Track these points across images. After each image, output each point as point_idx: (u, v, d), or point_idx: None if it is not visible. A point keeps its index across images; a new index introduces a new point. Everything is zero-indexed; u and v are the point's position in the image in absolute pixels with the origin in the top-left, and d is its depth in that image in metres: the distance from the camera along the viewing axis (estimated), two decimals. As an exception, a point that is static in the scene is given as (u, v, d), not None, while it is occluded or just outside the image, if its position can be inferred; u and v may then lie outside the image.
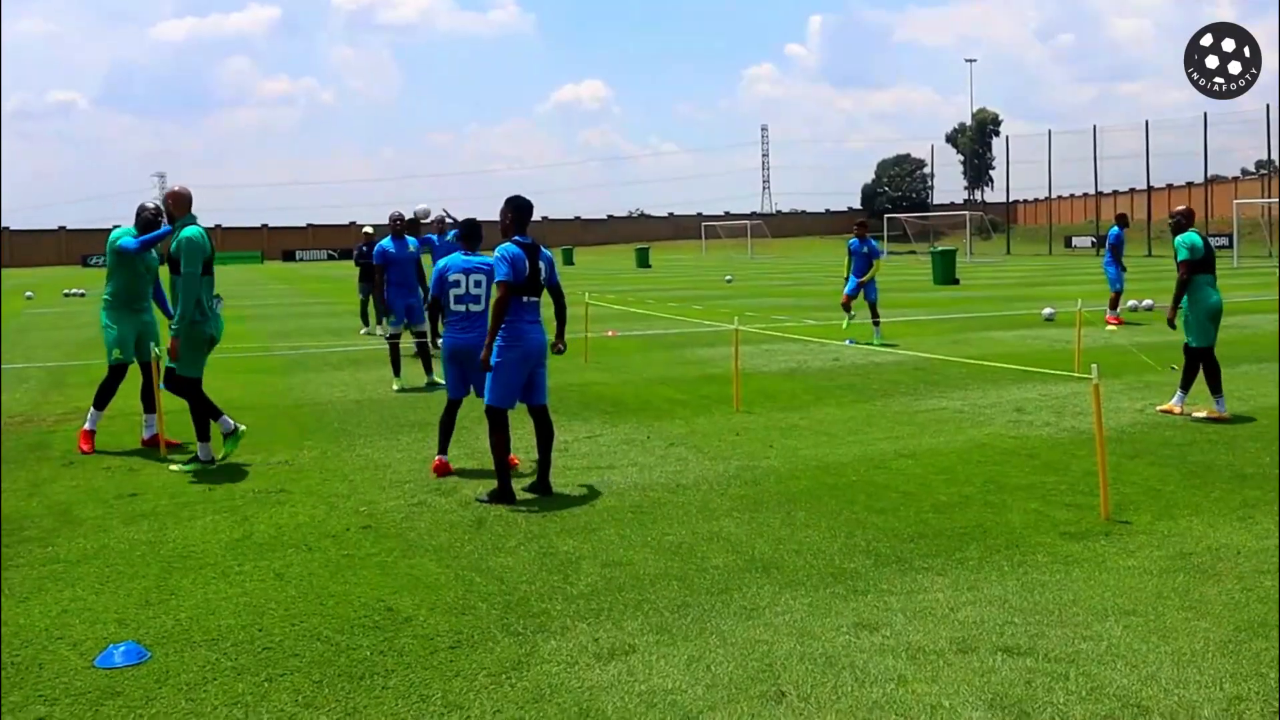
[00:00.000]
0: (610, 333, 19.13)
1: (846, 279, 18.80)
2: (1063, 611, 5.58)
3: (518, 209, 8.04)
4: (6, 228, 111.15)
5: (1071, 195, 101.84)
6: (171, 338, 9.30)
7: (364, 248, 22.20)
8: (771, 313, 25.10)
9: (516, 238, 7.99)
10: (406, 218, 14.81)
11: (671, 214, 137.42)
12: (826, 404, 12.10)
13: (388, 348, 14.40)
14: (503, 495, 7.92)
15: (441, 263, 9.02)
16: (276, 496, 8.28)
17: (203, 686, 4.89)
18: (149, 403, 10.25)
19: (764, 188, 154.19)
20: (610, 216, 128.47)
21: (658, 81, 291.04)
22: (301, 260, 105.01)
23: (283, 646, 5.32)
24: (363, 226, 23.80)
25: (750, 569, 6.34)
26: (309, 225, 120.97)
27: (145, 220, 10.07)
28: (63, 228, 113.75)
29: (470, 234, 9.05)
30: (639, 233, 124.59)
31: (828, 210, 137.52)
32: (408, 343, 14.58)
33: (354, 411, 12.14)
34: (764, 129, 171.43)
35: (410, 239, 14.51)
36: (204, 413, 9.45)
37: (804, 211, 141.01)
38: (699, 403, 12.38)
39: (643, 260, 70.66)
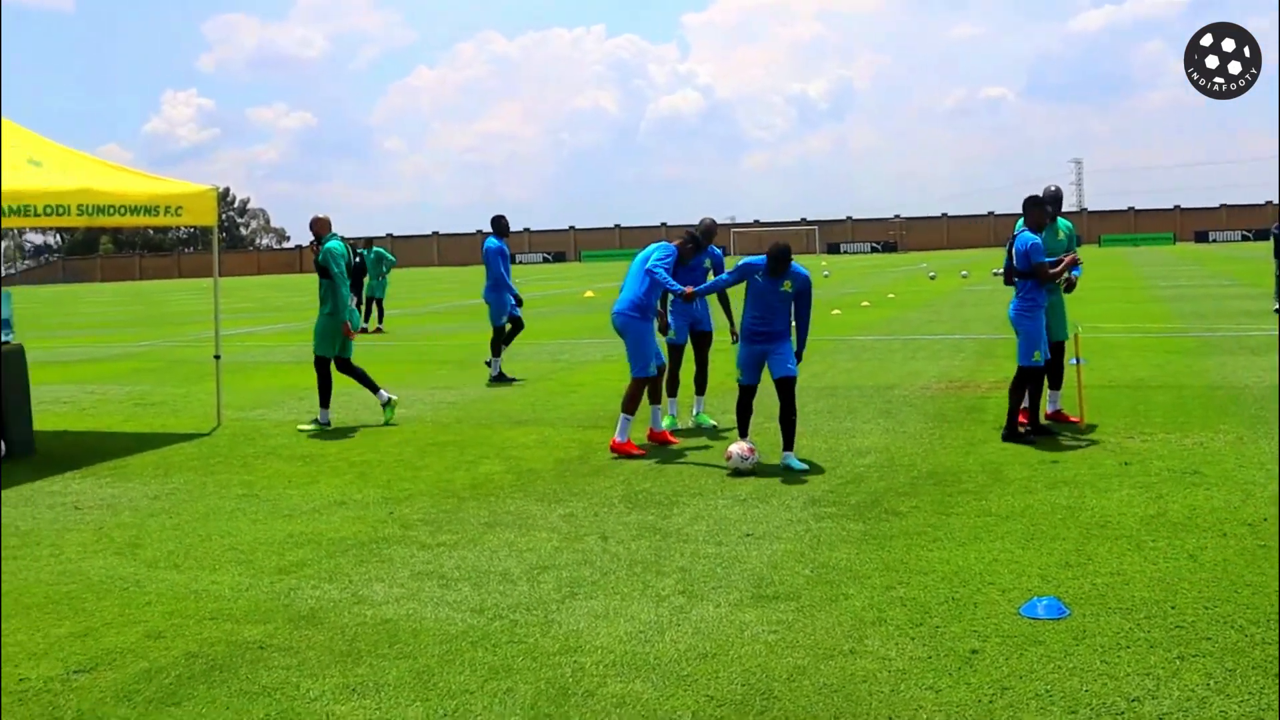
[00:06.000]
0: None
1: None
2: None
3: (1037, 204, 9.42)
4: (945, 214, 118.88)
5: None
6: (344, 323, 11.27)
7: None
8: None
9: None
10: None
11: None
12: None
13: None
14: (1011, 434, 9.34)
15: None
16: (1191, 478, 7.85)
17: (1116, 651, 4.82)
18: (1055, 380, 10.21)
19: None
20: None
21: None
22: (1214, 241, 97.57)
23: (1195, 627, 5.05)
24: None
25: None
26: (1221, 205, 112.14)
27: None
28: (991, 213, 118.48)
29: None
30: None
31: None
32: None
33: (1272, 398, 11.03)
34: None
35: None
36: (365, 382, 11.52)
37: None
38: None
39: None
